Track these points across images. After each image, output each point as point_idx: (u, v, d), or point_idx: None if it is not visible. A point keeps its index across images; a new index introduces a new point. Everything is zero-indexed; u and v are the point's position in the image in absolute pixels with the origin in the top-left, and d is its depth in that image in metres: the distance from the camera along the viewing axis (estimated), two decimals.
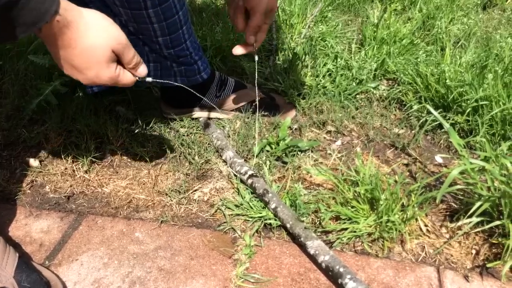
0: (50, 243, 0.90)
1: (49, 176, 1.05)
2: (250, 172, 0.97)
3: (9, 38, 0.55)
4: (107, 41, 0.63)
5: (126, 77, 0.70)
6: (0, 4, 0.50)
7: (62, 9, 0.57)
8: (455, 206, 0.92)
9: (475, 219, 0.81)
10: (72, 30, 0.60)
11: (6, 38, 0.55)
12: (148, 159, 1.09)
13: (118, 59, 0.68)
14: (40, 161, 1.09)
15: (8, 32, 0.54)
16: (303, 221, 0.87)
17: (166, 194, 0.99)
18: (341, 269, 0.76)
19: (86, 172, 1.06)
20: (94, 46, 0.62)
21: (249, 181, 0.96)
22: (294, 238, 0.87)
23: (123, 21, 0.96)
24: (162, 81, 0.86)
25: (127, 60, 0.68)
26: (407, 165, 1.06)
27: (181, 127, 1.18)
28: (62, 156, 1.09)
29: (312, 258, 0.82)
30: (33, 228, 0.93)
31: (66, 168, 1.06)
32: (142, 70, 0.71)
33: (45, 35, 0.59)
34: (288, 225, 0.86)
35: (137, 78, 0.72)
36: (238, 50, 0.92)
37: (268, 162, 1.04)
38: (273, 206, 0.90)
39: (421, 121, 1.16)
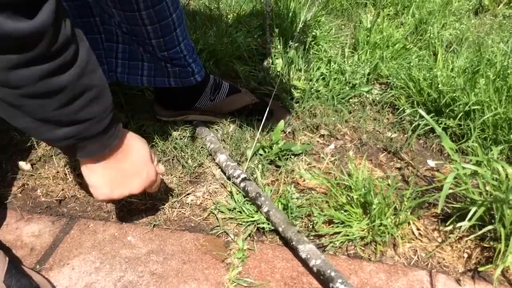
0: (41, 247, 0.89)
1: (41, 180, 1.04)
2: (242, 176, 0.97)
3: (70, 157, 0.75)
4: (146, 151, 0.80)
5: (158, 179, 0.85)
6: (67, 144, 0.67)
7: (112, 149, 0.73)
8: (447, 210, 0.92)
9: (467, 223, 0.81)
10: (120, 155, 0.76)
11: (68, 155, 0.75)
12: None
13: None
14: (32, 165, 1.09)
15: (71, 155, 0.73)
16: (295, 225, 0.87)
17: (159, 198, 0.99)
18: (332, 273, 0.75)
19: (78, 175, 1.05)
20: (138, 156, 0.78)
21: (242, 184, 0.96)
22: (287, 242, 0.87)
23: (116, 22, 0.96)
24: None
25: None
26: (399, 169, 1.07)
27: (174, 130, 1.18)
28: (54, 160, 1.08)
29: (304, 262, 0.82)
30: (24, 232, 0.92)
31: (58, 172, 1.05)
32: (161, 167, 0.88)
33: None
34: (280, 229, 0.86)
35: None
36: None
37: (260, 166, 1.04)
38: (265, 209, 0.89)
39: (413, 125, 1.17)
